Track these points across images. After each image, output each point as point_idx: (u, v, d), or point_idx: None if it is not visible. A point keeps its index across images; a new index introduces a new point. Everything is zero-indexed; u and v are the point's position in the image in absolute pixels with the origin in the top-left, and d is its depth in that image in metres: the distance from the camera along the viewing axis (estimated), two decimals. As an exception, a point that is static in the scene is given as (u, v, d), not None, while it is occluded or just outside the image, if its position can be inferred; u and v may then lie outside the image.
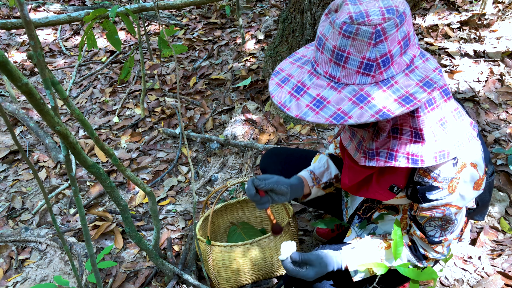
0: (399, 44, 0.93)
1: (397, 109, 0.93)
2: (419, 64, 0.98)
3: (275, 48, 2.59)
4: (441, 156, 1.03)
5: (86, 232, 1.20)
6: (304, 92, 1.01)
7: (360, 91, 0.96)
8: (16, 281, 1.99)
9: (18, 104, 3.25)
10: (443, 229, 1.19)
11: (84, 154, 1.10)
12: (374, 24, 0.90)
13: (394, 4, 0.93)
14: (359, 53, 0.93)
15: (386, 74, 0.96)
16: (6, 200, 2.49)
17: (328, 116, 0.96)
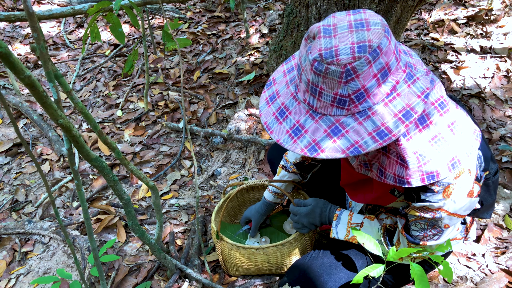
0: (375, 77, 0.90)
1: (369, 145, 0.92)
2: (402, 90, 0.94)
3: (279, 42, 2.57)
4: (430, 178, 1.00)
5: (89, 226, 1.20)
6: (286, 117, 1.02)
7: (336, 123, 0.95)
8: (19, 273, 2.00)
9: (22, 97, 3.25)
10: (425, 234, 1.17)
11: (87, 147, 1.09)
12: (343, 63, 0.88)
13: (368, 38, 0.89)
14: (331, 89, 0.92)
15: (362, 106, 0.93)
16: (9, 192, 2.49)
17: (303, 146, 0.97)
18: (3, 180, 2.58)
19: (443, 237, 1.17)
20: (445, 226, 1.13)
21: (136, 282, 1.86)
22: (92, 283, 1.84)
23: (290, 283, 1.39)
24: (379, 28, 0.90)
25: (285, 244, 1.58)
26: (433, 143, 0.99)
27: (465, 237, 1.32)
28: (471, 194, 1.09)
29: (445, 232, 1.16)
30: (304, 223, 1.50)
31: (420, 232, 1.17)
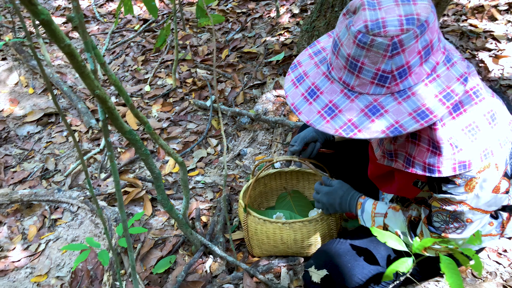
0: (419, 54, 0.88)
1: (410, 125, 0.89)
2: (442, 71, 0.91)
3: (312, 22, 2.52)
4: (461, 167, 0.97)
5: (119, 198, 1.21)
6: (317, 97, 0.99)
7: (374, 102, 0.92)
8: (48, 239, 2.06)
9: (53, 68, 3.30)
10: (447, 227, 1.13)
11: (121, 119, 1.10)
12: (391, 35, 0.85)
13: (416, 11, 0.86)
14: (374, 64, 0.89)
15: (403, 85, 0.90)
16: (40, 161, 2.55)
17: (338, 126, 0.94)
18: (34, 149, 2.64)
19: (466, 232, 1.13)
20: (467, 220, 1.09)
21: (161, 255, 1.90)
22: (118, 254, 1.88)
23: (316, 266, 1.39)
24: (426, 3, 0.87)
25: (311, 221, 1.57)
26: (466, 131, 0.96)
27: (501, 233, 1.28)
28: (496, 190, 1.04)
29: (469, 226, 1.11)
30: (324, 202, 1.47)
31: (442, 224, 1.14)
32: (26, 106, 2.95)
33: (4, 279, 1.90)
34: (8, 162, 2.54)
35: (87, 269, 1.88)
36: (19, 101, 2.99)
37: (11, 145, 2.67)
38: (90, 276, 1.86)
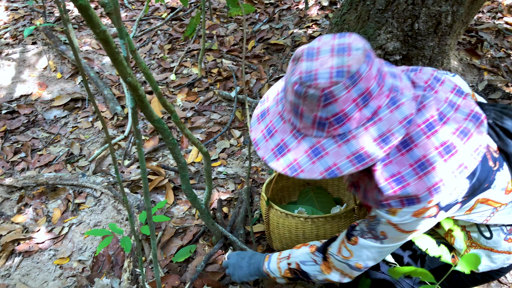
0: (354, 102, 0.91)
1: (346, 168, 0.93)
2: (384, 115, 0.93)
3: (342, 16, 2.47)
4: (410, 202, 0.98)
5: (145, 186, 1.21)
6: (272, 135, 1.05)
7: (317, 144, 0.97)
8: (71, 222, 2.09)
9: (81, 53, 3.33)
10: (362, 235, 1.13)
11: (151, 108, 1.09)
12: (321, 88, 0.89)
13: (347, 63, 0.89)
14: (311, 112, 0.94)
15: (342, 130, 0.94)
16: (65, 145, 2.59)
17: (285, 165, 1.00)
18: (60, 133, 2.68)
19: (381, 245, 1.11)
20: (381, 233, 1.09)
21: (181, 244, 1.90)
22: (139, 241, 1.89)
23: None
24: (360, 54, 0.90)
25: (334, 217, 1.55)
26: (415, 166, 0.96)
27: None
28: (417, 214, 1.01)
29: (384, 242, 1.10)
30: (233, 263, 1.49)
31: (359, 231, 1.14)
32: (54, 91, 2.99)
33: (28, 259, 1.94)
34: (35, 145, 2.59)
35: (109, 254, 1.91)
36: (47, 85, 3.04)
37: (38, 128, 2.71)
38: (111, 261, 1.89)
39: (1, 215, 2.15)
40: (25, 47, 3.38)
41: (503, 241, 1.17)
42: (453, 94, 1.05)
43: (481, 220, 1.13)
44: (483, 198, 1.07)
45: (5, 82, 3.05)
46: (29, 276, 1.87)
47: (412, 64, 2.36)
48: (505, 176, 1.08)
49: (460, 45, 2.76)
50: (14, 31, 3.61)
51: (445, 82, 1.07)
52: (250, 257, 1.48)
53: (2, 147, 2.55)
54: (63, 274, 1.86)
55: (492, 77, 2.49)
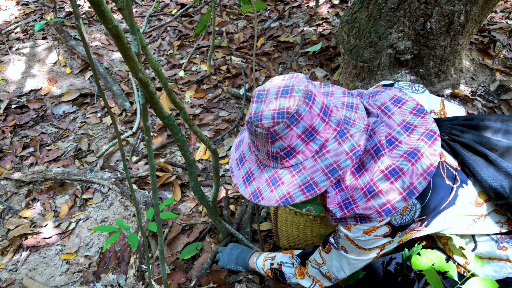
0: (299, 138, 1.00)
1: (297, 197, 1.03)
2: (332, 147, 1.01)
3: (353, 14, 2.44)
4: (362, 220, 1.05)
5: (154, 182, 1.20)
6: (243, 164, 1.16)
7: (275, 174, 1.07)
8: (79, 218, 2.09)
9: (90, 49, 3.34)
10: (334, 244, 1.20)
11: (161, 104, 1.08)
12: (267, 127, 1.00)
13: (287, 105, 0.99)
14: (263, 147, 1.05)
15: (293, 161, 1.04)
16: (74, 140, 2.59)
17: (250, 193, 1.10)
18: (68, 128, 2.68)
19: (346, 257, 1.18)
20: (341, 248, 1.16)
21: (187, 241, 1.90)
22: (146, 237, 1.89)
23: None
24: (300, 96, 0.99)
25: None
26: (365, 190, 1.03)
27: None
28: (368, 232, 1.09)
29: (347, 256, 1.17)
30: (227, 252, 1.73)
31: (332, 239, 1.22)
32: (63, 86, 3.00)
33: (35, 254, 1.94)
34: (44, 140, 2.59)
35: (115, 250, 1.91)
36: (57, 80, 3.04)
37: (47, 123, 2.72)
38: (118, 257, 1.89)
39: (9, 210, 2.16)
40: (35, 42, 3.39)
41: (496, 249, 1.16)
42: (412, 115, 1.10)
43: (460, 231, 1.14)
44: (452, 214, 1.09)
45: (15, 77, 3.06)
46: (36, 270, 1.88)
47: (423, 63, 2.34)
48: (469, 191, 1.09)
49: (472, 45, 2.73)
50: (25, 26, 3.62)
51: (406, 103, 1.13)
52: (242, 250, 1.70)
53: (11, 142, 2.56)
54: (69, 269, 1.87)
55: (504, 77, 2.46)
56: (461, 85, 2.45)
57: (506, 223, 1.14)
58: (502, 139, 1.07)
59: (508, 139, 1.07)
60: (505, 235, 1.16)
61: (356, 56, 2.42)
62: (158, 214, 1.29)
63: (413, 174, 1.01)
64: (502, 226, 1.14)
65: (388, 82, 1.32)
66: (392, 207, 1.01)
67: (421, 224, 1.08)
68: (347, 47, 2.47)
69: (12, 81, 3.03)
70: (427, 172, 1.01)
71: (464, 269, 1.24)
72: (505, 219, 1.14)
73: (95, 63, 3.08)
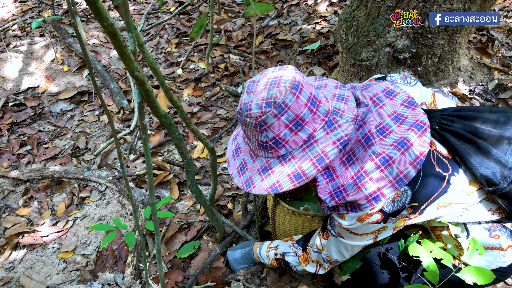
0: (287, 128, 1.03)
1: (286, 185, 1.06)
2: (320, 137, 1.05)
3: (351, 12, 2.44)
4: (353, 208, 1.08)
5: (151, 181, 1.20)
6: (238, 155, 1.21)
7: (266, 163, 1.11)
8: (76, 216, 2.09)
9: (88, 47, 3.33)
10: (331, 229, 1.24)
11: (158, 103, 1.08)
12: (255, 116, 1.04)
13: (275, 95, 1.02)
14: (253, 136, 1.09)
15: (283, 151, 1.07)
16: (71, 138, 2.59)
17: (243, 182, 1.14)
18: (66, 126, 2.67)
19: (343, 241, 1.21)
20: (338, 234, 1.20)
21: (185, 239, 1.90)
22: (143, 236, 1.88)
23: (339, 267, 1.38)
24: (287, 86, 1.02)
25: None
26: (355, 178, 1.05)
27: None
28: (361, 219, 1.11)
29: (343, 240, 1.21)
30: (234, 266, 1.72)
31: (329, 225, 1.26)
32: (61, 84, 2.99)
33: (32, 253, 1.94)
34: (41, 138, 2.58)
35: (112, 249, 1.90)
36: (54, 78, 3.03)
37: (44, 121, 2.71)
38: (115, 256, 1.88)
39: (6, 208, 2.15)
40: (33, 39, 3.38)
41: (489, 238, 1.18)
42: (403, 107, 1.13)
43: (452, 219, 1.17)
44: (444, 202, 1.11)
45: (13, 75, 3.05)
46: (33, 269, 1.87)
47: (421, 62, 2.33)
48: (461, 179, 1.11)
49: (470, 44, 2.73)
50: (22, 23, 3.61)
51: (398, 96, 1.16)
52: (244, 244, 1.71)
53: (8, 140, 2.55)
54: (66, 268, 1.86)
55: (502, 76, 2.45)
56: (459, 84, 2.44)
57: (497, 211, 1.16)
58: (492, 129, 1.09)
59: (497, 129, 1.09)
60: (497, 224, 1.18)
61: (354, 54, 2.41)
62: (155, 213, 1.29)
63: (403, 163, 1.03)
64: (493, 213, 1.16)
65: (380, 76, 1.35)
66: (382, 195, 1.04)
67: (414, 211, 1.10)
68: (346, 45, 2.46)
69: (9, 78, 3.02)
70: (417, 161, 1.03)
71: (458, 261, 1.25)
72: (496, 207, 1.16)
73: (92, 61, 3.07)
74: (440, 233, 1.25)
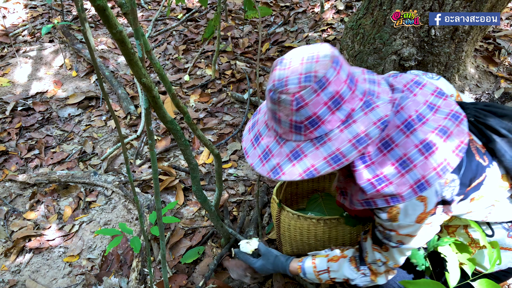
0: (325, 105, 0.96)
1: (323, 169, 0.98)
2: (358, 117, 0.98)
3: (358, 20, 2.45)
4: (394, 199, 1.01)
5: (156, 187, 1.21)
6: (259, 143, 1.12)
7: (297, 147, 1.02)
8: (82, 220, 2.10)
9: (96, 52, 3.36)
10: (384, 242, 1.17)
11: (165, 109, 1.09)
12: (292, 92, 0.95)
13: (314, 69, 0.95)
14: (287, 116, 0.99)
15: (318, 132, 0.99)
16: (78, 143, 2.61)
17: (269, 169, 1.06)
18: (73, 131, 2.70)
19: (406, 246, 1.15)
20: (398, 241, 1.13)
21: (190, 245, 1.90)
22: (148, 241, 1.89)
23: None
24: (327, 60, 0.95)
25: None
26: (397, 165, 1.00)
27: None
28: (420, 220, 1.06)
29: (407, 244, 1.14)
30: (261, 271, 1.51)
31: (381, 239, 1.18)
32: (69, 89, 3.02)
33: (38, 256, 1.95)
34: (49, 142, 2.61)
35: (117, 254, 1.91)
36: (63, 83, 3.07)
37: (52, 125, 2.74)
38: (120, 260, 1.89)
39: (13, 211, 2.17)
40: (42, 45, 3.42)
41: (506, 238, 1.18)
42: (434, 96, 1.08)
43: (480, 218, 1.15)
44: (478, 195, 1.09)
45: (22, 80, 3.09)
46: (39, 272, 1.88)
47: (427, 70, 2.33)
48: (495, 172, 1.10)
49: (477, 52, 2.72)
50: (32, 29, 3.66)
51: (426, 86, 1.11)
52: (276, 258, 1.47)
53: (16, 144, 2.58)
54: (72, 272, 1.87)
55: (509, 85, 2.45)
56: (466, 92, 2.44)
57: None
58: None
59: None
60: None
61: (360, 62, 2.42)
62: (160, 218, 1.30)
63: (446, 150, 0.99)
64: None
65: (396, 72, 1.29)
66: (426, 183, 0.98)
67: (458, 202, 1.07)
68: (352, 53, 2.47)
69: (18, 83, 3.06)
70: (459, 148, 1.00)
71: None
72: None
73: (101, 66, 3.11)
74: (456, 230, 1.24)
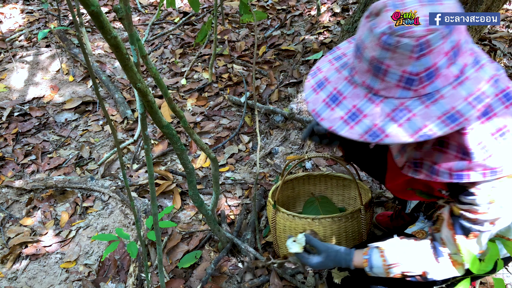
0: (446, 56, 0.83)
1: (439, 129, 0.85)
2: (470, 74, 0.87)
3: (354, 22, 2.45)
4: (492, 173, 0.91)
5: (153, 191, 1.20)
6: (340, 102, 0.96)
7: (400, 106, 0.88)
8: (79, 226, 2.09)
9: (93, 57, 3.36)
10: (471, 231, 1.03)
11: (160, 113, 1.09)
12: (417, 36, 0.81)
13: (442, 11, 0.82)
14: (399, 66, 0.85)
15: (430, 88, 0.86)
16: (75, 148, 2.60)
17: (363, 131, 0.90)
18: (70, 136, 2.69)
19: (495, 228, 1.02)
20: (491, 223, 1.00)
21: (187, 249, 1.90)
22: (145, 245, 1.88)
23: (338, 268, 1.36)
24: (453, 3, 0.84)
25: (341, 217, 1.56)
26: (497, 136, 0.91)
27: None
28: None
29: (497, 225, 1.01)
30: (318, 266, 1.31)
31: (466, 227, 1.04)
32: (66, 94, 3.02)
33: (35, 262, 1.94)
34: (46, 148, 2.60)
35: (114, 259, 1.90)
36: (59, 88, 3.06)
37: (49, 131, 2.73)
38: (117, 266, 1.88)
39: (10, 218, 2.16)
40: (39, 50, 3.42)
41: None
42: None
43: None
44: None
45: (18, 85, 3.08)
46: (36, 279, 1.87)
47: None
48: None
49: (473, 54, 2.73)
50: (29, 34, 3.65)
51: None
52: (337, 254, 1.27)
53: (13, 149, 2.57)
54: (69, 278, 1.86)
55: (505, 86, 2.46)
56: (462, 94, 2.45)
57: None
58: None
59: None
60: None
61: (357, 64, 2.42)
62: (156, 223, 1.29)
63: None
64: None
65: None
66: None
67: None
68: (348, 55, 2.47)
69: (15, 88, 3.05)
70: None
71: None
72: None
73: (97, 71, 3.10)
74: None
